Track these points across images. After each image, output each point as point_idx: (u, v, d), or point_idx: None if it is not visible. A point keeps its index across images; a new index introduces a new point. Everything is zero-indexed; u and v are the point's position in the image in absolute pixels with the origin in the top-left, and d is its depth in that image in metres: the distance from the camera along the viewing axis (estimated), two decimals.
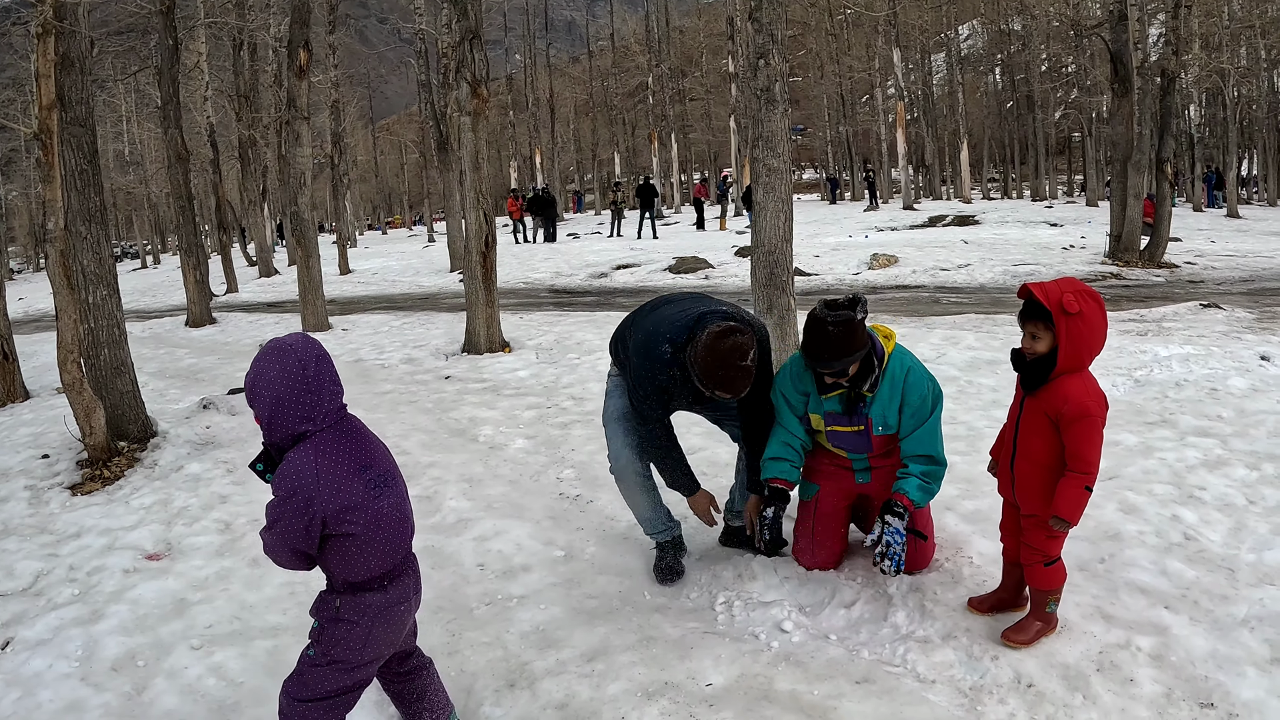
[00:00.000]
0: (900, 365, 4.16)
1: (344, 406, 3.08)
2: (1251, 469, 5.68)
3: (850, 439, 4.28)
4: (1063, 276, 3.84)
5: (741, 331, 4.00)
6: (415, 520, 5.54)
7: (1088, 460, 3.61)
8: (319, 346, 3.04)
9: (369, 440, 3.12)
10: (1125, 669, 3.67)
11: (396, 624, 3.13)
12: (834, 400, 4.20)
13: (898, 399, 4.14)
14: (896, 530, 4.04)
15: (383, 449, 3.19)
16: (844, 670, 3.77)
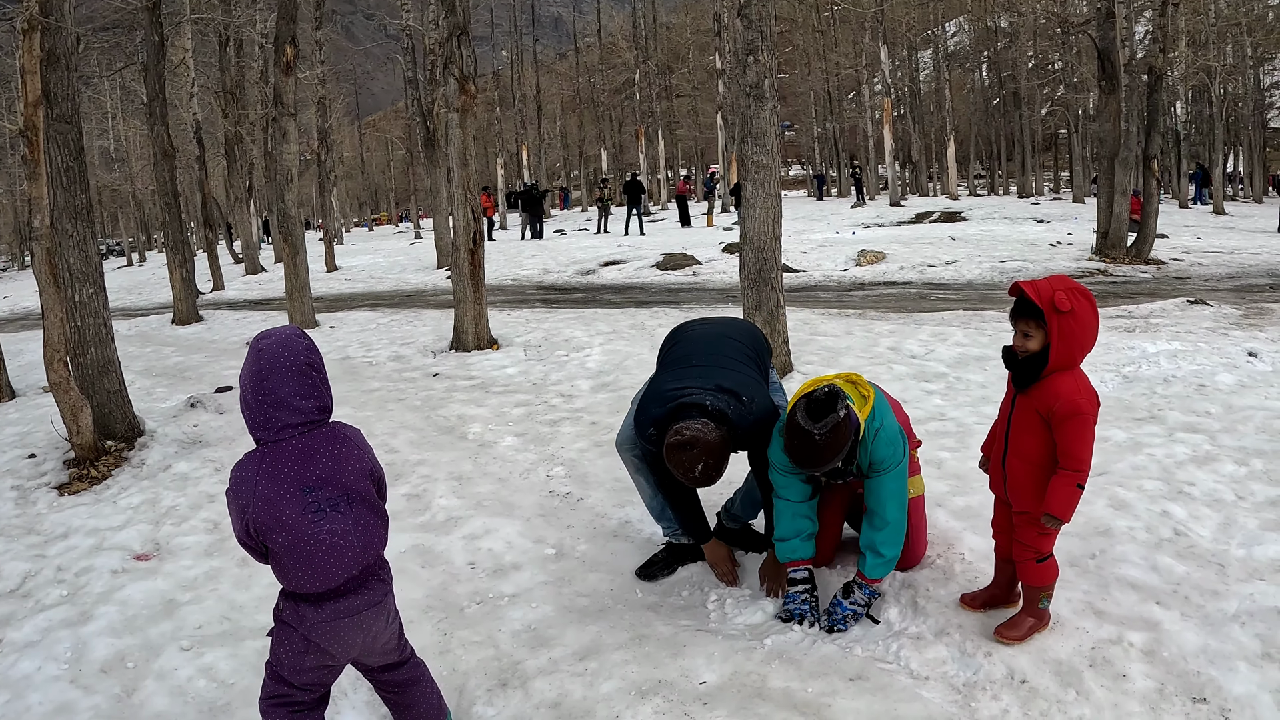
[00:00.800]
0: (871, 429, 4.08)
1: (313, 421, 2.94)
2: (1240, 464, 5.70)
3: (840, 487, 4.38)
4: (1053, 274, 3.84)
5: (690, 445, 3.99)
6: (407, 519, 5.58)
7: (1079, 458, 3.61)
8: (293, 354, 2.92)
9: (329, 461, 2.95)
10: (1118, 664, 3.67)
11: (341, 639, 3.02)
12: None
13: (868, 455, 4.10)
14: (841, 604, 4.09)
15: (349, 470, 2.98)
16: (837, 667, 3.76)
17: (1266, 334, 9.75)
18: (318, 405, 2.94)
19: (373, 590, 3.06)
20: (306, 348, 2.95)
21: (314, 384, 2.93)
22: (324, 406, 2.97)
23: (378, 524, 3.06)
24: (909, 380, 8.20)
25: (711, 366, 4.46)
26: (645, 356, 9.76)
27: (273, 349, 2.89)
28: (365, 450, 3.07)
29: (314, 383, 2.93)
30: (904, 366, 8.81)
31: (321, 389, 2.96)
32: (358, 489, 2.98)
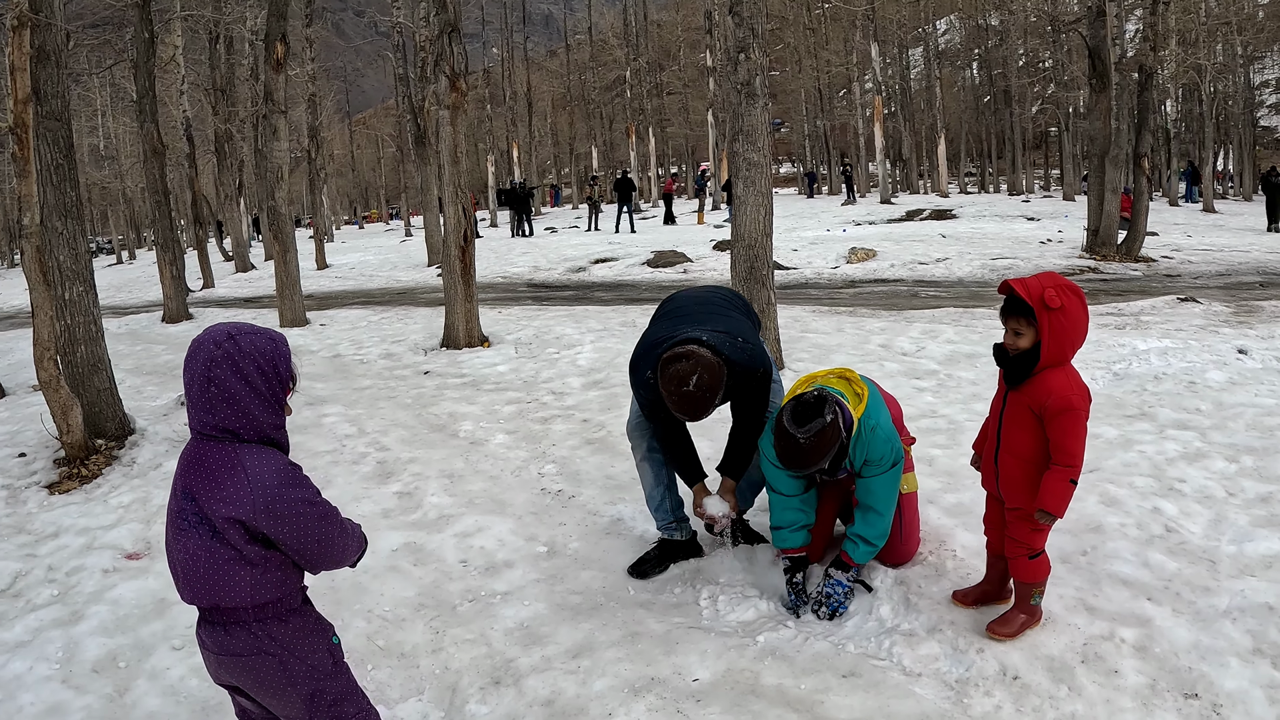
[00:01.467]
0: (866, 426, 4.10)
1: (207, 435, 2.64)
2: (1230, 461, 5.73)
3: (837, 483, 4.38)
4: (1043, 271, 3.85)
5: (686, 358, 4.01)
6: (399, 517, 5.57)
7: (1072, 453, 3.63)
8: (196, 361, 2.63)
9: (204, 480, 2.63)
10: (1110, 660, 3.69)
11: (210, 665, 2.83)
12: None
13: (862, 453, 4.13)
14: (838, 582, 4.14)
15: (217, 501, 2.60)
16: (830, 664, 3.77)
17: (1256, 331, 9.80)
18: (212, 423, 2.62)
19: (236, 639, 2.71)
20: (211, 359, 2.61)
21: (211, 399, 2.60)
22: (221, 427, 2.62)
23: (238, 569, 2.63)
24: (900, 378, 8.22)
25: (705, 315, 4.53)
26: None
27: (192, 346, 2.66)
28: (253, 496, 2.59)
29: (211, 398, 2.60)
30: (895, 364, 8.82)
31: (220, 407, 2.61)
32: (219, 524, 2.60)
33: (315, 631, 2.81)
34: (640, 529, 5.17)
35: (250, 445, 2.63)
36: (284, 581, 2.70)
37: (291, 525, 2.61)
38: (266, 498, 2.57)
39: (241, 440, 2.62)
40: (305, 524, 2.63)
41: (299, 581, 2.78)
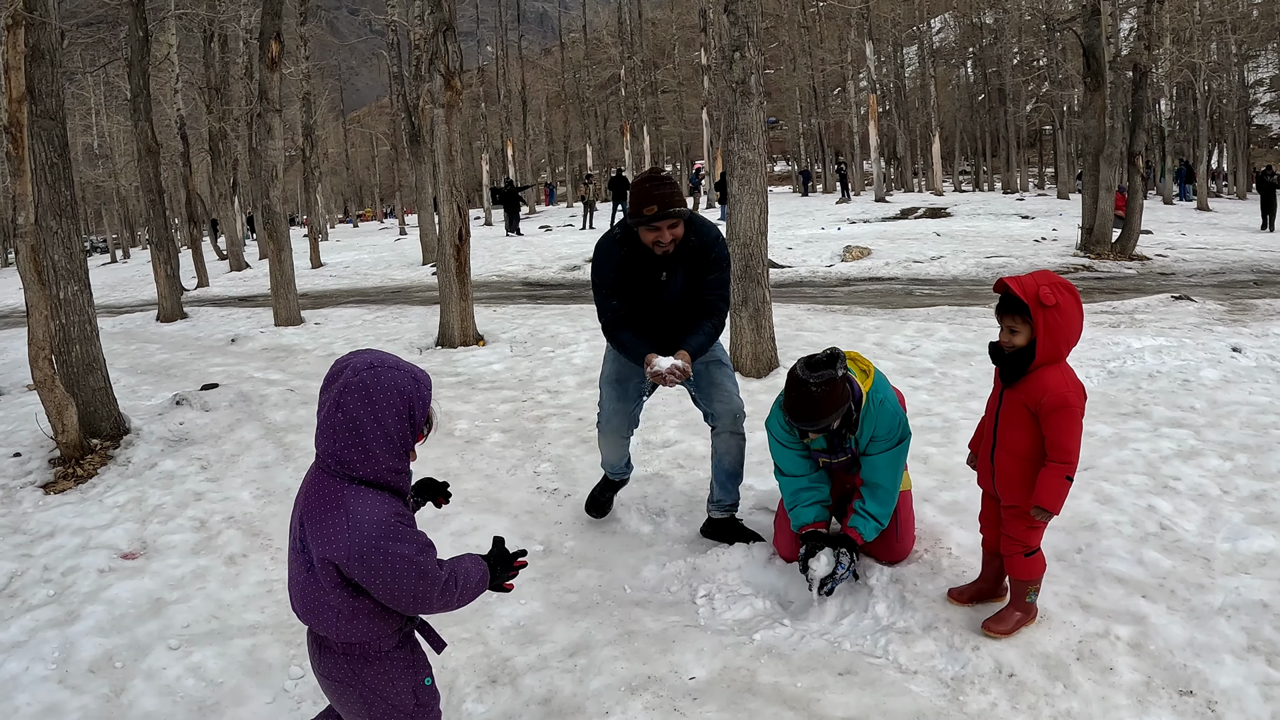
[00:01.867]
0: (875, 400, 4.17)
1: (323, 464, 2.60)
2: (1225, 459, 5.77)
3: (840, 467, 4.37)
4: (1037, 270, 3.87)
5: (660, 170, 4.54)
6: None
7: (1068, 450, 3.64)
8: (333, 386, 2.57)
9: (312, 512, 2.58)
10: (1105, 658, 3.71)
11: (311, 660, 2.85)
12: (819, 440, 4.24)
13: (871, 427, 4.17)
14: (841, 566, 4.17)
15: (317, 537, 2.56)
16: (826, 662, 3.78)
17: (1250, 329, 9.83)
18: (331, 452, 2.56)
19: (327, 663, 2.74)
20: (346, 386, 2.55)
21: (336, 427, 2.54)
22: (339, 458, 2.55)
23: (328, 608, 2.61)
24: (895, 376, 8.23)
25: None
26: None
27: (332, 369, 2.61)
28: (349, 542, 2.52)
29: (336, 426, 2.54)
30: (890, 362, 8.83)
31: (342, 437, 2.54)
32: (315, 561, 2.59)
33: (403, 674, 2.77)
34: (635, 527, 5.19)
35: (360, 486, 2.54)
36: (371, 628, 2.66)
37: (384, 578, 2.52)
38: (362, 547, 2.49)
39: (354, 479, 2.55)
40: (398, 580, 2.54)
41: (394, 625, 2.73)
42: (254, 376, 9.94)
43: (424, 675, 2.85)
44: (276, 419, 7.93)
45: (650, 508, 5.41)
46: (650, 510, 5.38)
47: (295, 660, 3.99)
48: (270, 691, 3.77)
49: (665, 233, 4.42)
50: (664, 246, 4.48)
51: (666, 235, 4.43)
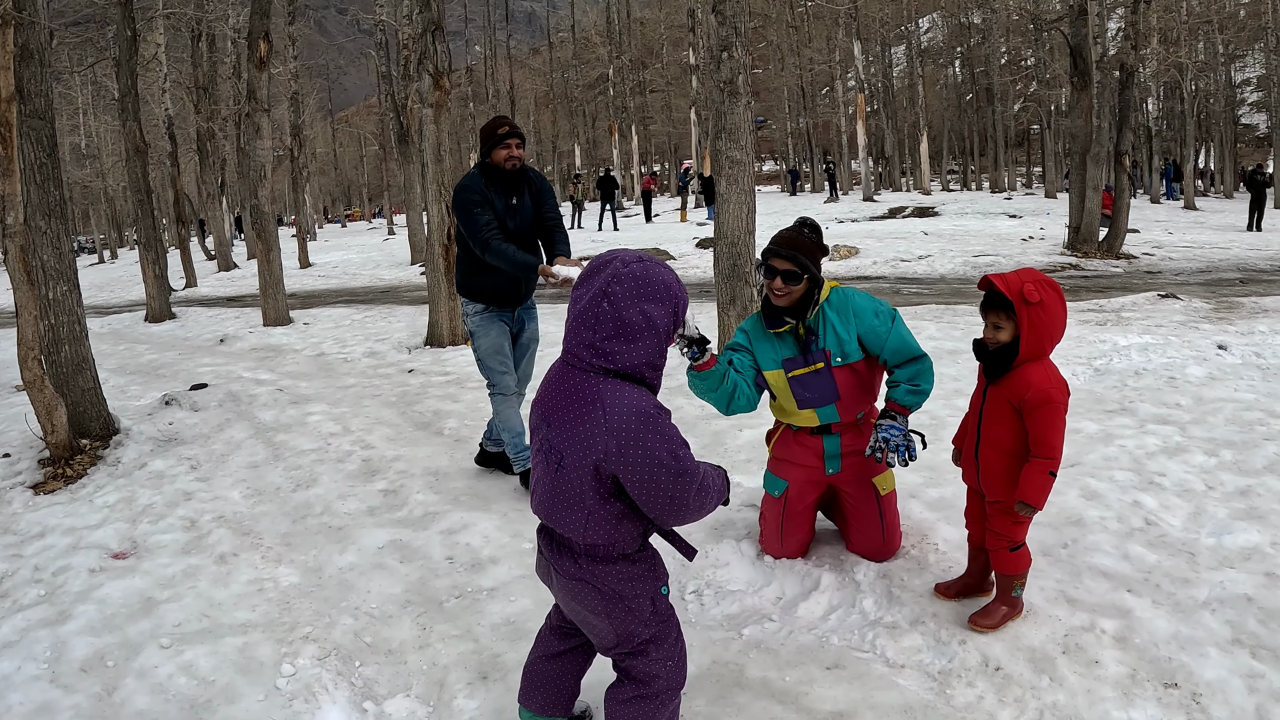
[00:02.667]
0: (841, 295, 4.24)
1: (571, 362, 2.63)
2: (1210, 455, 5.80)
3: (814, 384, 4.27)
4: (1022, 267, 3.90)
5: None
6: (385, 514, 5.59)
7: (1051, 445, 3.67)
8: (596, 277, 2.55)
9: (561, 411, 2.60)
10: (1090, 651, 3.73)
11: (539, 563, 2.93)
12: (787, 344, 4.25)
13: (850, 325, 4.19)
14: (893, 426, 4.13)
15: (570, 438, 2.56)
16: (814, 656, 3.80)
17: (1236, 327, 9.90)
18: (590, 341, 2.52)
19: (564, 561, 2.74)
20: (616, 275, 2.51)
21: (599, 316, 2.50)
22: (597, 348, 2.51)
23: (573, 507, 2.61)
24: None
25: None
26: None
27: (593, 264, 2.58)
28: (608, 437, 2.49)
29: (600, 315, 2.50)
30: None
31: (605, 325, 2.50)
32: (569, 459, 2.55)
33: (644, 578, 2.77)
34: None
35: (617, 380, 2.51)
36: (617, 530, 2.65)
37: (642, 474, 2.48)
38: (620, 440, 2.47)
39: (611, 371, 2.52)
40: (657, 477, 2.49)
41: (638, 530, 2.71)
42: (243, 376, 9.96)
43: (662, 583, 2.85)
44: (266, 419, 7.94)
45: None
46: None
47: (286, 658, 3.99)
48: (262, 689, 3.77)
49: (514, 149, 5.54)
50: (514, 160, 5.53)
51: (515, 150, 5.54)
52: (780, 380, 4.29)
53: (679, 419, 6.91)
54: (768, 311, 4.24)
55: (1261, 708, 3.43)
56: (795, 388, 4.28)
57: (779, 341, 4.27)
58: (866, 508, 4.45)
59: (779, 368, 4.28)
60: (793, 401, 4.32)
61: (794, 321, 4.19)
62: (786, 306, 4.16)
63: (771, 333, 4.26)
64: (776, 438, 4.58)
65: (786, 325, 4.20)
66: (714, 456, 6.16)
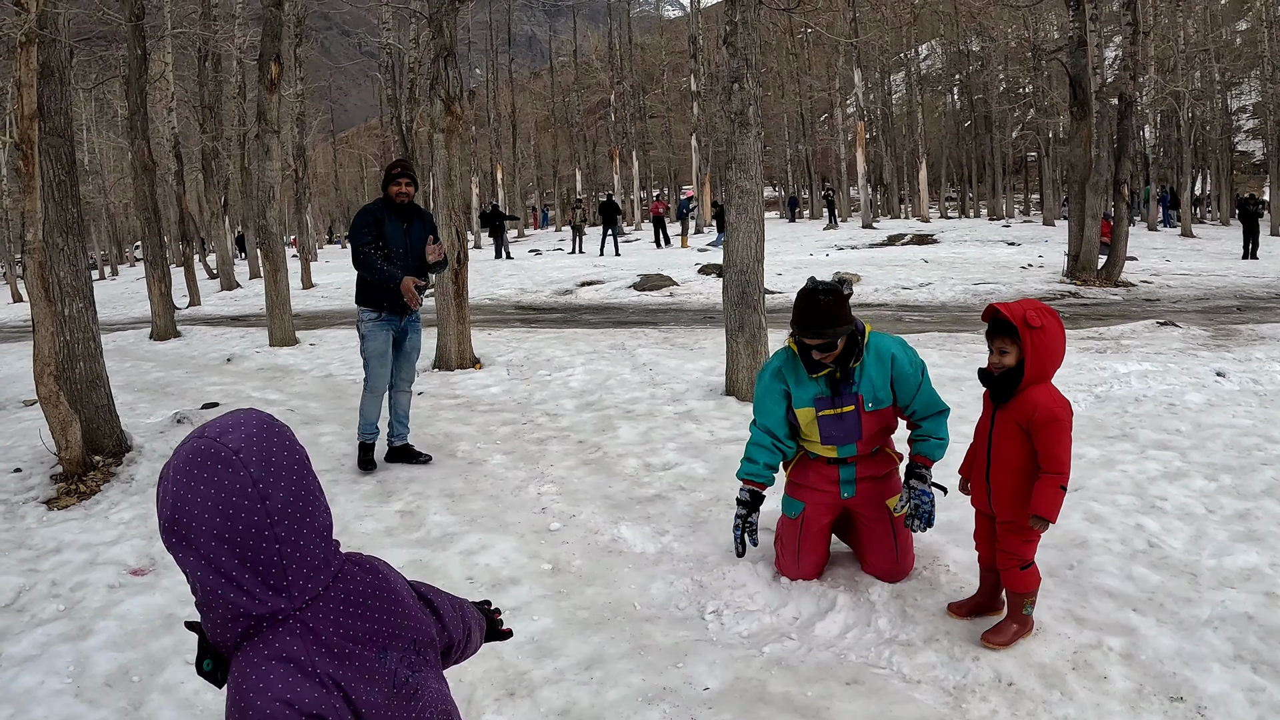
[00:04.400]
0: (883, 342, 4.42)
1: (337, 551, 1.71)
2: (1210, 480, 5.94)
3: (841, 424, 4.43)
4: (1023, 297, 4.04)
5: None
6: (402, 535, 5.64)
7: (1060, 460, 3.84)
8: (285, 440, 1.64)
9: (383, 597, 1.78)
10: (1098, 667, 3.86)
11: None
12: (820, 384, 4.38)
13: (886, 372, 4.38)
14: (924, 492, 4.40)
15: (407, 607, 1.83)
16: (833, 673, 3.91)
17: (1234, 354, 10.03)
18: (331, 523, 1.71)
19: None
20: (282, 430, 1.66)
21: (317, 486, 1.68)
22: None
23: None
24: None
25: None
26: (627, 376, 9.94)
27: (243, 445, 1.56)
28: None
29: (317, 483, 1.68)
30: None
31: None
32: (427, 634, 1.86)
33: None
34: (641, 547, 5.29)
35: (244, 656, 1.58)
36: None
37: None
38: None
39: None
40: None
41: None
42: (252, 396, 10.03)
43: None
44: None
45: (654, 528, 5.52)
46: (655, 531, 5.49)
47: None
48: None
49: (404, 187, 6.82)
50: (403, 196, 6.79)
51: (405, 188, 6.82)
52: (809, 416, 4.45)
53: (690, 443, 7.06)
54: (806, 360, 4.39)
55: (1264, 719, 3.54)
56: (823, 425, 4.45)
57: (812, 382, 4.41)
58: (881, 529, 4.57)
59: (810, 405, 4.43)
60: (817, 436, 4.48)
61: (833, 367, 4.35)
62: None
63: (808, 377, 4.40)
64: (794, 464, 4.70)
65: (825, 370, 4.36)
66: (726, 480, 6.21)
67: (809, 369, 4.38)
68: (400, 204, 6.81)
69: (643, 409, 8.52)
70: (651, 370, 10.29)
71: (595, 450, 7.26)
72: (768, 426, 4.53)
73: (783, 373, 4.50)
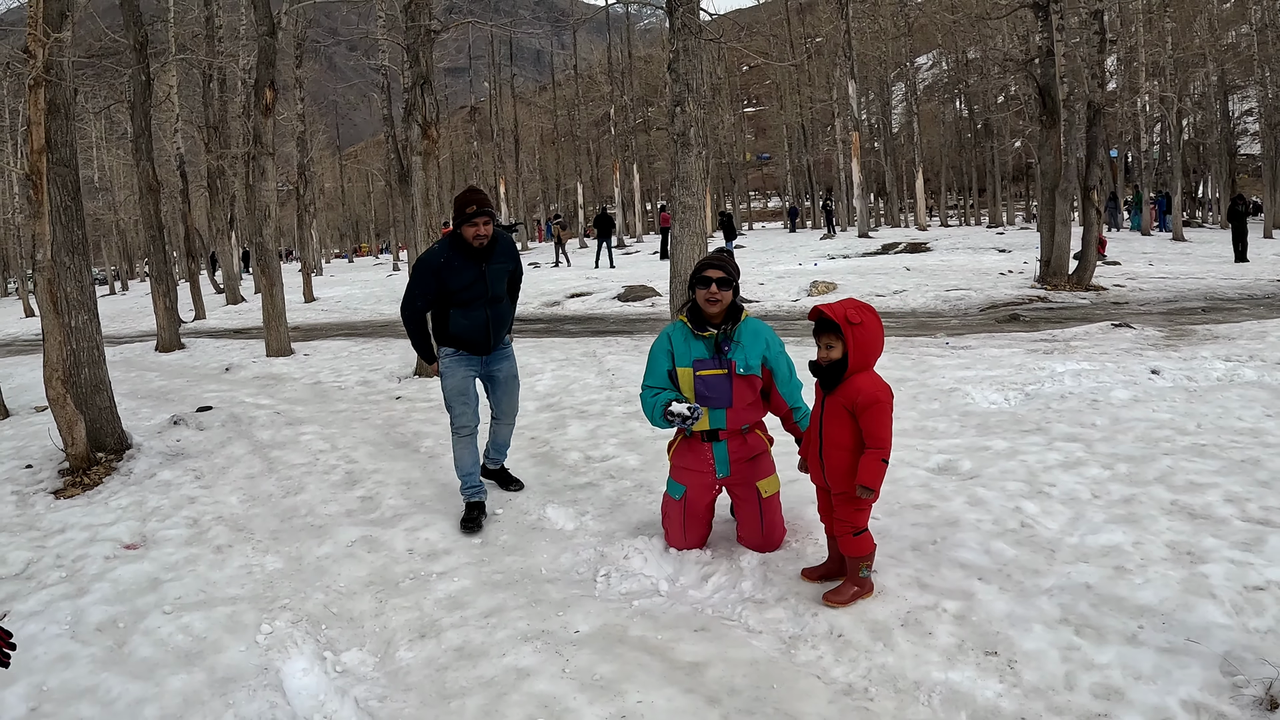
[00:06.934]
0: (758, 324, 5.20)
1: None
2: (1106, 468, 6.20)
3: (715, 385, 5.09)
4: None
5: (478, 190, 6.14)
6: (360, 516, 6.50)
7: (881, 438, 4.44)
8: None
9: None
10: (927, 625, 4.28)
11: None
12: (702, 346, 5.09)
13: (759, 350, 5.10)
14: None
15: None
16: (688, 622, 4.55)
17: (1180, 353, 10.21)
18: None
19: None
20: None
21: None
22: None
23: None
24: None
25: None
26: (590, 380, 10.56)
27: None
28: None
29: None
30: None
31: None
32: None
33: None
34: (561, 525, 6.01)
35: None
36: None
37: None
38: None
39: None
40: None
41: None
42: (245, 401, 10.75)
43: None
44: (263, 437, 8.77)
45: (577, 510, 6.20)
46: (577, 512, 6.16)
47: (266, 621, 4.85)
48: (244, 643, 4.63)
49: (482, 228, 5.97)
50: (481, 239, 5.99)
51: (483, 229, 5.97)
52: (688, 376, 5.12)
53: (631, 439, 7.75)
54: (694, 319, 5.11)
55: (1071, 675, 3.87)
56: (699, 385, 5.10)
57: (697, 344, 5.11)
58: (750, 508, 5.23)
59: (689, 366, 5.12)
60: (693, 395, 5.12)
61: (715, 330, 5.06)
62: (714, 314, 5.06)
63: (695, 336, 5.11)
64: (675, 447, 5.37)
65: (710, 332, 5.06)
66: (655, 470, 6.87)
67: (696, 325, 5.08)
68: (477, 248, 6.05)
69: (596, 409, 9.10)
70: (614, 375, 10.86)
71: (544, 445, 7.95)
72: (654, 383, 5.20)
73: (671, 338, 5.20)
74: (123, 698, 4.22)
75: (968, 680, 3.90)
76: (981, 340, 12.51)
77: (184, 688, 4.27)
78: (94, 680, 4.37)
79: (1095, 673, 3.88)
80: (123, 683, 4.33)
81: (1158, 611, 4.26)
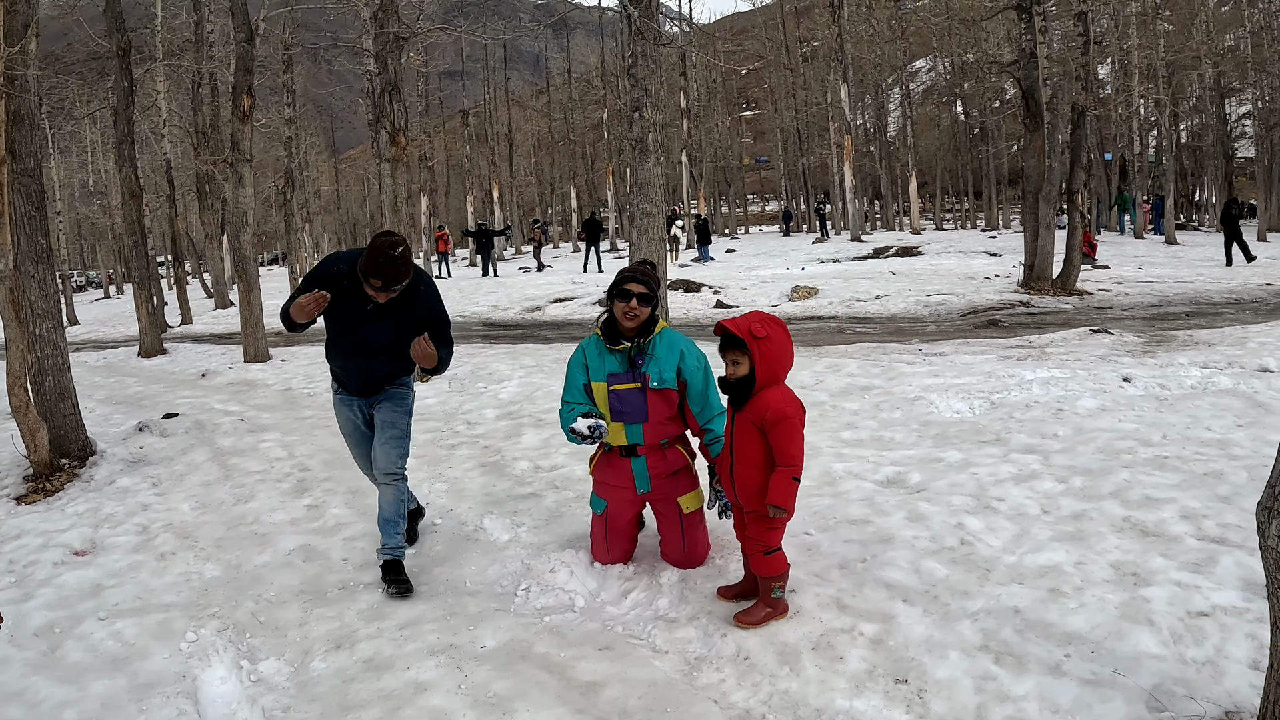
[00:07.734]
0: (674, 336, 5.11)
1: None
2: (1060, 482, 6.08)
3: (630, 400, 5.03)
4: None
5: (396, 235, 5.05)
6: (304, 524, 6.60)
7: (792, 455, 4.29)
8: None
9: None
10: (839, 649, 4.17)
11: None
12: (615, 360, 5.04)
13: (674, 362, 5.00)
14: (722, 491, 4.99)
15: None
16: (593, 640, 4.54)
17: (1156, 360, 10.09)
18: None
19: None
20: None
21: None
22: None
23: None
24: None
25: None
26: (554, 388, 10.48)
27: None
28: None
29: None
30: None
31: None
32: None
33: None
34: (496, 535, 6.07)
35: None
36: None
37: None
38: None
39: None
40: None
41: None
42: (214, 408, 10.85)
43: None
44: (225, 444, 8.88)
45: (514, 521, 6.25)
46: (513, 523, 6.21)
47: (192, 629, 4.96)
48: (169, 650, 4.74)
49: (379, 296, 5.07)
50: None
51: (381, 299, 5.10)
52: (602, 391, 5.07)
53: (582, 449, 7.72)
54: (608, 332, 5.06)
55: (983, 707, 3.72)
56: (613, 400, 5.05)
57: (610, 358, 5.07)
58: (671, 524, 5.23)
59: (604, 380, 5.07)
60: (608, 411, 5.07)
61: (629, 344, 5.01)
62: (630, 329, 4.99)
63: (608, 350, 5.06)
64: (595, 462, 5.36)
65: (623, 345, 5.01)
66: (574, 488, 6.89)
67: (611, 340, 5.02)
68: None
69: (553, 418, 9.00)
70: None
71: (496, 454, 7.99)
72: (570, 398, 5.15)
73: (586, 353, 5.16)
74: (48, 700, 4.31)
75: (872, 709, 3.78)
76: (955, 347, 12.47)
77: (105, 693, 4.36)
78: (25, 683, 4.47)
79: (1009, 705, 3.73)
80: (50, 686, 4.43)
81: (1087, 639, 4.12)
